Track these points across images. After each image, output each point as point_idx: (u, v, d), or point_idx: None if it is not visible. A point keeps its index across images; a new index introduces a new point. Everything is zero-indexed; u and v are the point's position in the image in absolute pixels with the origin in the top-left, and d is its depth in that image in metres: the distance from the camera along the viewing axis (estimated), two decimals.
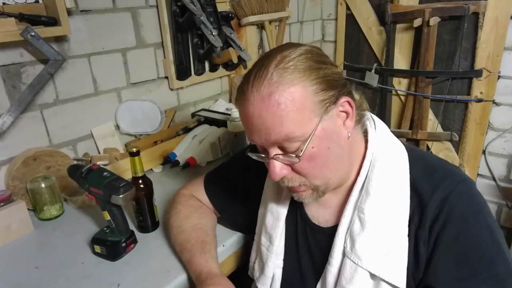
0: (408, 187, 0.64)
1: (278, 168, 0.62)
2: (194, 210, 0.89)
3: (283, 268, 0.79)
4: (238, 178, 0.89)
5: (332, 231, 0.70)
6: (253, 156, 0.66)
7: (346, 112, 0.63)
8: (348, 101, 0.63)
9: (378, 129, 0.70)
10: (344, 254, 0.66)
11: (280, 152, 0.61)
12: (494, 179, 1.86)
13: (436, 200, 0.61)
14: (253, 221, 0.85)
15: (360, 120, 0.69)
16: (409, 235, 0.63)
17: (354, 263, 0.64)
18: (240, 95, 0.62)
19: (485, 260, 0.59)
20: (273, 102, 0.57)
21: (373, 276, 0.63)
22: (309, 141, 0.59)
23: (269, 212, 0.78)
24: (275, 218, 0.77)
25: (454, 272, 0.59)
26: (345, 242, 0.66)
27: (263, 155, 0.64)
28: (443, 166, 0.67)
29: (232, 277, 0.92)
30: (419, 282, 0.63)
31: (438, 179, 0.63)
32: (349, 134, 0.64)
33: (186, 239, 0.82)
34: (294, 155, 0.60)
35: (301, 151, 0.59)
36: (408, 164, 0.66)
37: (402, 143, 0.70)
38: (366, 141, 0.69)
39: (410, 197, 0.63)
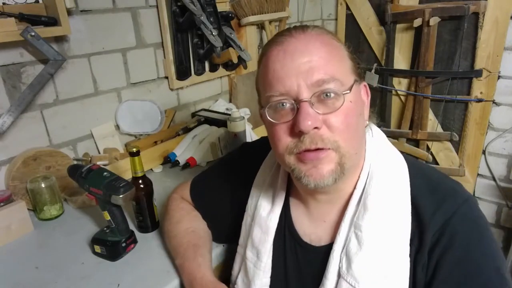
0: (409, 202, 0.59)
1: (313, 113, 0.53)
2: (186, 214, 0.87)
3: (270, 286, 0.72)
4: (223, 185, 0.83)
5: (325, 250, 0.64)
6: (277, 103, 0.56)
7: (363, 101, 0.62)
8: (366, 87, 0.61)
9: (376, 138, 0.65)
10: (339, 275, 0.60)
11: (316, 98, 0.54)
12: (494, 179, 1.86)
13: (437, 223, 0.56)
14: (236, 231, 0.80)
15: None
16: (411, 256, 0.58)
17: (351, 285, 0.58)
18: (273, 40, 0.58)
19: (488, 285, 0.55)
20: (323, 38, 0.55)
21: None
22: (350, 92, 0.55)
23: (257, 225, 0.71)
24: (263, 232, 0.70)
25: None
26: (340, 262, 0.60)
27: (289, 104, 0.55)
28: (445, 182, 0.62)
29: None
30: None
31: (440, 197, 0.58)
32: (367, 123, 0.61)
33: (178, 244, 0.81)
34: (335, 96, 0.53)
35: (343, 98, 0.54)
36: (408, 177, 0.61)
37: (401, 153, 0.66)
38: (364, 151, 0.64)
39: (412, 213, 0.59)
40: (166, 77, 1.50)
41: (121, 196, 0.81)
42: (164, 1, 1.38)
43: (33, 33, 1.00)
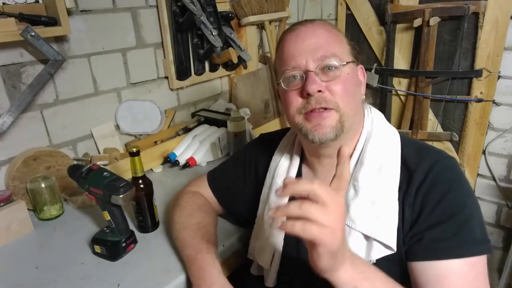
0: (398, 161, 0.70)
1: (318, 80, 0.68)
2: (198, 208, 0.90)
3: (283, 246, 0.79)
4: (242, 169, 0.92)
5: None
6: (290, 75, 0.70)
7: (360, 81, 0.75)
8: (363, 69, 0.75)
9: (373, 113, 0.78)
10: None
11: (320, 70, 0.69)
12: (494, 179, 1.86)
13: (423, 168, 0.67)
14: (252, 210, 0.87)
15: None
16: (399, 201, 0.67)
17: (348, 226, 0.68)
18: (288, 29, 0.74)
19: (468, 222, 0.63)
20: (326, 27, 0.72)
21: (366, 237, 0.67)
22: (347, 65, 0.70)
23: (273, 192, 0.81)
24: (279, 198, 0.78)
25: (438, 231, 0.63)
26: None
27: (299, 75, 0.70)
28: (432, 147, 0.74)
29: (232, 276, 0.92)
30: (405, 244, 0.67)
31: (425, 153, 0.70)
32: (364, 97, 0.75)
33: (191, 236, 0.83)
34: (335, 68, 0.68)
35: (341, 70, 0.68)
36: (399, 142, 0.73)
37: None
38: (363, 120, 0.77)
39: (402, 169, 0.69)
40: (166, 77, 1.50)
41: (121, 196, 0.81)
42: (164, 1, 1.38)
43: (33, 33, 1.00)
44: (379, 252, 0.66)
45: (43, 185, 1.03)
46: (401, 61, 1.94)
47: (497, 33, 1.65)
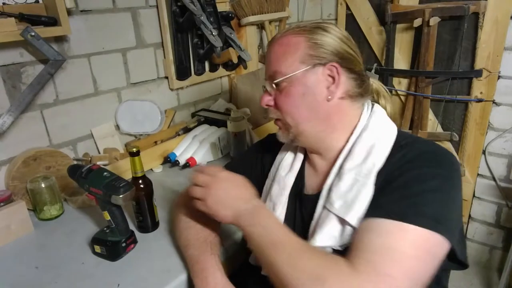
0: (387, 150, 0.70)
1: (266, 97, 0.78)
2: None
3: None
4: (249, 164, 0.97)
5: (317, 197, 0.76)
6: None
7: (333, 78, 0.74)
8: (336, 68, 0.73)
9: (375, 109, 0.78)
10: (323, 207, 0.73)
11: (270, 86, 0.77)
12: (494, 179, 1.86)
13: (401, 153, 0.68)
14: None
15: (361, 98, 0.77)
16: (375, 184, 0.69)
17: (328, 210, 0.70)
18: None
19: (418, 196, 0.62)
20: (280, 42, 0.76)
21: (341, 220, 0.68)
22: (287, 78, 0.74)
23: (276, 183, 0.85)
24: (281, 188, 0.84)
25: (386, 197, 0.64)
26: (325, 196, 0.73)
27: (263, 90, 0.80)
28: (426, 139, 0.74)
29: (232, 277, 0.92)
30: None
31: (413, 140, 0.72)
32: (330, 97, 0.74)
33: (194, 237, 0.83)
34: (274, 85, 0.76)
35: (284, 84, 0.74)
36: (394, 139, 0.72)
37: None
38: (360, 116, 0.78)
39: (388, 158, 0.70)
40: (166, 77, 1.50)
41: (121, 196, 0.81)
42: (164, 1, 1.38)
43: (33, 33, 1.00)
44: (351, 235, 0.67)
45: (43, 185, 1.03)
46: (401, 61, 1.94)
47: (497, 33, 1.65)
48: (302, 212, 0.81)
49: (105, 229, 0.90)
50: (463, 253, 0.67)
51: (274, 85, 0.76)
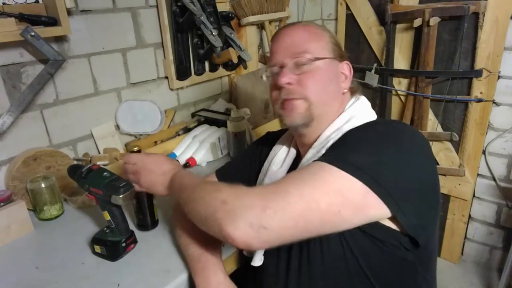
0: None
1: (288, 74, 0.75)
2: None
3: None
4: (249, 161, 0.99)
5: None
6: (268, 70, 0.80)
7: (345, 75, 0.80)
8: (349, 65, 0.80)
9: (361, 102, 0.81)
10: None
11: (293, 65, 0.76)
12: (494, 179, 1.86)
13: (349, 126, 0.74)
14: None
15: (350, 95, 0.82)
16: None
17: None
18: (276, 32, 0.82)
19: (350, 146, 0.67)
20: (306, 27, 0.79)
21: None
22: (320, 60, 0.75)
23: (268, 177, 0.87)
24: (271, 182, 0.81)
25: (327, 153, 0.70)
26: None
27: (276, 69, 0.78)
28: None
29: (232, 276, 0.92)
30: None
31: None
32: (345, 91, 0.80)
33: (196, 236, 0.83)
34: (305, 62, 0.75)
35: (312, 61, 0.74)
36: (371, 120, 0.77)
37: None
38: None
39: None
40: (166, 77, 1.50)
41: (121, 196, 0.81)
42: (164, 1, 1.38)
43: (33, 33, 1.00)
44: None
45: (43, 185, 1.03)
46: (401, 61, 1.94)
47: (497, 33, 1.65)
48: None
49: (105, 229, 0.90)
50: (417, 228, 0.64)
51: (302, 62, 0.75)
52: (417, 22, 1.76)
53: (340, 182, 0.59)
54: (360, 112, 0.78)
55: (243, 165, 1.00)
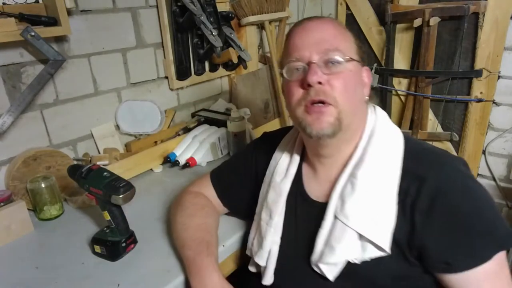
0: (399, 162, 0.69)
1: (319, 71, 0.67)
2: (200, 209, 0.90)
3: (280, 245, 0.79)
4: (244, 167, 0.94)
5: (326, 204, 0.73)
6: (293, 66, 0.70)
7: (365, 82, 0.74)
8: (368, 71, 0.75)
9: (378, 113, 0.77)
10: (335, 216, 0.70)
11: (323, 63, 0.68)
12: (494, 179, 1.86)
13: (433, 177, 0.65)
14: (253, 206, 0.88)
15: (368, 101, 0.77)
16: (405, 206, 0.66)
17: (343, 223, 0.68)
18: (296, 23, 0.74)
19: (489, 227, 0.63)
20: (334, 23, 0.72)
21: (360, 236, 0.67)
22: (351, 62, 0.69)
23: (272, 189, 0.82)
24: (277, 194, 0.80)
25: (465, 243, 0.63)
26: (336, 205, 0.71)
27: (302, 66, 0.69)
28: (434, 148, 0.74)
29: (232, 276, 0.92)
30: (412, 248, 0.66)
31: (432, 157, 0.70)
32: (366, 98, 0.74)
33: (191, 237, 0.82)
34: (337, 63, 0.68)
35: (344, 66, 0.68)
36: (402, 142, 0.72)
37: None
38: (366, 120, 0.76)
39: (404, 170, 0.68)
40: (166, 77, 1.50)
41: (121, 196, 0.81)
42: (164, 1, 1.38)
43: (33, 33, 1.00)
44: (372, 252, 0.67)
45: (43, 185, 1.03)
46: (401, 61, 1.94)
47: (497, 33, 1.65)
48: (308, 218, 0.78)
49: (105, 229, 0.90)
50: None
51: (334, 61, 0.68)
52: (417, 22, 1.76)
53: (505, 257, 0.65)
54: (379, 126, 0.74)
55: (237, 172, 0.95)
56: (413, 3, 1.82)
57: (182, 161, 1.32)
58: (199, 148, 1.35)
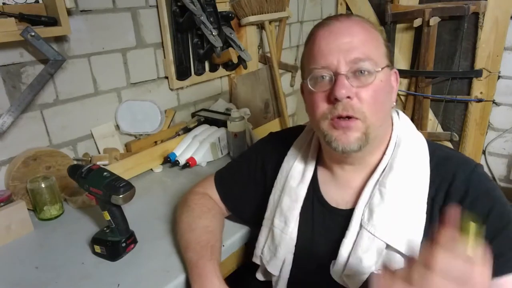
0: (428, 169, 0.67)
1: (347, 84, 0.62)
2: (207, 211, 0.88)
3: (295, 253, 0.77)
4: (249, 169, 0.89)
5: (352, 212, 0.70)
6: (318, 75, 0.65)
7: (393, 86, 0.70)
8: (397, 74, 0.70)
9: (401, 118, 0.75)
10: (361, 226, 0.68)
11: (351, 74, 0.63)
12: (494, 179, 1.86)
13: (460, 180, 0.64)
14: (259, 211, 0.85)
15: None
16: (433, 213, 0.65)
17: (371, 233, 0.66)
18: (321, 23, 0.68)
19: None
20: (363, 24, 0.65)
21: (388, 246, 0.65)
22: (382, 71, 0.64)
23: (287, 195, 0.78)
24: (292, 200, 0.77)
25: (494, 247, 0.59)
26: (363, 214, 0.68)
27: (328, 76, 0.64)
28: (456, 153, 0.73)
29: (231, 277, 0.92)
30: None
31: (457, 162, 0.68)
32: (394, 104, 0.70)
33: (196, 240, 0.81)
34: (368, 74, 0.63)
35: (374, 76, 0.63)
36: (427, 148, 0.70)
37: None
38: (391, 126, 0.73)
39: (432, 178, 0.66)
40: (166, 77, 1.50)
41: (121, 196, 0.81)
42: (164, 1, 1.37)
43: (33, 33, 1.00)
44: (400, 262, 0.64)
45: (43, 185, 1.03)
46: (401, 61, 1.94)
47: (497, 33, 1.65)
48: (326, 226, 0.75)
49: (105, 229, 0.90)
50: None
51: (364, 71, 0.63)
52: (417, 22, 1.76)
53: None
54: (405, 132, 0.72)
55: (242, 174, 0.91)
56: (413, 3, 1.82)
57: (182, 161, 1.32)
58: (199, 148, 1.35)
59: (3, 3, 1.02)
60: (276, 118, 1.97)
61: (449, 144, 1.91)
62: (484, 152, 1.85)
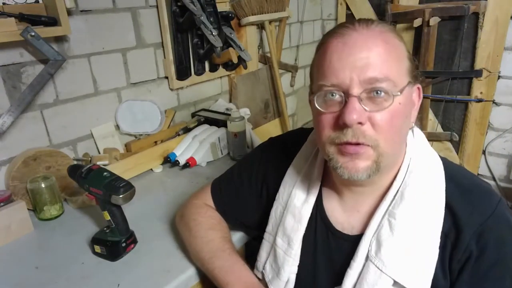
0: (443, 199, 0.61)
1: (359, 109, 0.54)
2: (217, 223, 0.86)
3: (297, 274, 0.75)
4: (249, 179, 0.85)
5: (357, 239, 0.65)
6: (328, 92, 0.57)
7: (414, 103, 0.63)
8: (420, 90, 0.63)
9: (416, 138, 0.67)
10: (367, 258, 0.63)
11: (365, 95, 0.55)
12: (494, 179, 1.86)
13: (475, 224, 0.59)
14: (262, 222, 0.82)
15: None
16: (444, 251, 0.60)
17: (378, 268, 0.61)
18: (335, 31, 0.59)
19: None
20: (384, 36, 0.57)
21: (396, 283, 0.60)
22: (401, 94, 0.56)
23: (290, 213, 0.73)
24: (296, 221, 0.72)
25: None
26: (370, 245, 0.63)
27: (338, 95, 0.57)
28: (477, 185, 0.64)
29: None
30: None
31: (475, 199, 0.61)
32: (413, 124, 0.63)
33: (219, 248, 0.79)
34: (385, 96, 0.54)
35: (392, 99, 0.55)
36: (444, 176, 0.63)
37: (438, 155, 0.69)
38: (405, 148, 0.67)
39: (446, 212, 0.61)
40: (166, 77, 1.50)
41: (121, 196, 0.81)
42: (164, 1, 1.37)
43: (33, 33, 1.00)
44: None
45: (43, 185, 1.03)
46: None
47: (497, 33, 1.65)
48: (329, 249, 0.71)
49: (105, 229, 0.90)
50: None
51: (381, 93, 0.55)
52: (417, 22, 1.76)
53: None
54: (419, 153, 0.65)
55: (240, 185, 0.86)
56: (413, 3, 1.82)
57: (182, 161, 1.32)
58: (199, 148, 1.35)
59: (3, 3, 1.02)
60: (276, 118, 1.97)
61: (449, 144, 1.91)
62: (484, 152, 1.85)
